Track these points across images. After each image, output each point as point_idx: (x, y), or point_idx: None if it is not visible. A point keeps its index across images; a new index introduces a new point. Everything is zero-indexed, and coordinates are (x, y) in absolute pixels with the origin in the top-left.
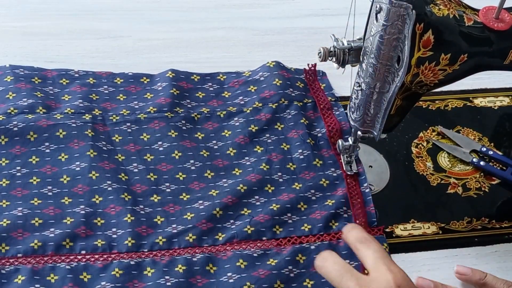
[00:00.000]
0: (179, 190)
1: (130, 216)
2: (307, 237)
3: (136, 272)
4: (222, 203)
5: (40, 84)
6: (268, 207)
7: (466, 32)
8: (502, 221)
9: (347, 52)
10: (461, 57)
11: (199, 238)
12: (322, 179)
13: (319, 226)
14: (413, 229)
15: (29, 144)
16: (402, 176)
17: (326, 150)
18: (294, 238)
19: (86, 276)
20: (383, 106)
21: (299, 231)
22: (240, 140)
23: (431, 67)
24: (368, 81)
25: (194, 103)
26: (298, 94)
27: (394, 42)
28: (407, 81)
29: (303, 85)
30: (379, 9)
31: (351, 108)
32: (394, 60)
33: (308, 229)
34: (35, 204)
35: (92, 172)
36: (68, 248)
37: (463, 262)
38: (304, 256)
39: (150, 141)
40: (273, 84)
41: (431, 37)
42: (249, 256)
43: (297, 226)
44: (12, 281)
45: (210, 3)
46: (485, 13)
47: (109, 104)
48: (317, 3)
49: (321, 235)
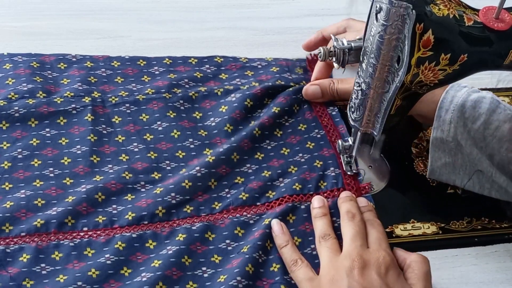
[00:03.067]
0: (179, 167)
1: (131, 195)
2: (298, 196)
3: (138, 244)
4: (217, 173)
5: (39, 68)
6: (260, 174)
7: (466, 32)
8: (502, 221)
9: (347, 52)
10: (461, 57)
11: (196, 209)
12: (308, 142)
13: (309, 186)
14: (413, 229)
15: (30, 129)
16: (402, 176)
17: (309, 113)
18: (286, 197)
19: (90, 251)
20: (383, 106)
21: (290, 190)
22: (236, 115)
23: (431, 67)
24: (368, 81)
25: (192, 83)
26: (296, 77)
27: (394, 42)
28: (407, 81)
29: (302, 71)
30: (379, 9)
31: (351, 108)
32: (394, 60)
33: (299, 189)
34: (37, 185)
35: (93, 156)
36: (71, 226)
37: (463, 262)
38: (293, 216)
39: (149, 121)
40: (271, 71)
41: (431, 37)
42: (245, 223)
43: (288, 186)
44: (17, 259)
45: (210, 3)
46: (485, 13)
47: (107, 87)
48: (317, 3)
49: (311, 195)
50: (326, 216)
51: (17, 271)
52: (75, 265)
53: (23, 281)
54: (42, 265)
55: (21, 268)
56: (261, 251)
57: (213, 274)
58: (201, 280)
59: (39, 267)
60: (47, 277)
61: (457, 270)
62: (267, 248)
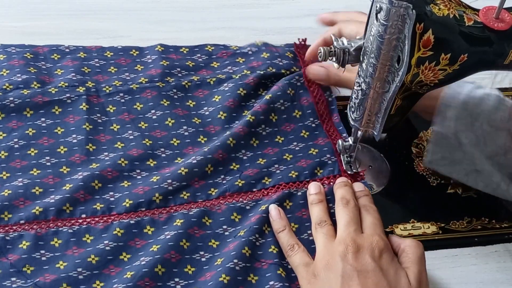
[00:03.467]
0: (174, 155)
1: (127, 182)
2: (295, 183)
3: (136, 230)
4: (213, 159)
5: (33, 59)
6: (255, 162)
7: (466, 32)
8: (502, 221)
9: (347, 52)
10: (461, 57)
11: (193, 195)
12: (302, 131)
13: (305, 173)
14: (413, 229)
15: (25, 119)
16: (402, 176)
17: (305, 98)
18: (282, 185)
19: (89, 237)
20: (383, 106)
21: (287, 178)
22: (230, 103)
23: (431, 67)
24: (368, 81)
25: (184, 72)
26: (287, 63)
27: (394, 42)
28: (407, 81)
29: (292, 56)
30: (379, 9)
31: (351, 108)
32: (394, 60)
33: (295, 176)
34: (35, 174)
35: (89, 144)
36: (69, 213)
37: (463, 262)
38: (290, 202)
39: (143, 110)
40: (261, 57)
41: (431, 37)
42: (242, 209)
43: (285, 174)
44: (17, 246)
45: (210, 3)
46: (485, 13)
47: (101, 77)
48: (317, 3)
49: (307, 181)
50: (322, 202)
51: (17, 258)
52: (75, 251)
53: (23, 267)
54: (42, 252)
55: (21, 255)
56: (258, 234)
57: (210, 258)
58: (199, 264)
59: (38, 253)
60: (47, 263)
61: (457, 270)
62: (264, 232)
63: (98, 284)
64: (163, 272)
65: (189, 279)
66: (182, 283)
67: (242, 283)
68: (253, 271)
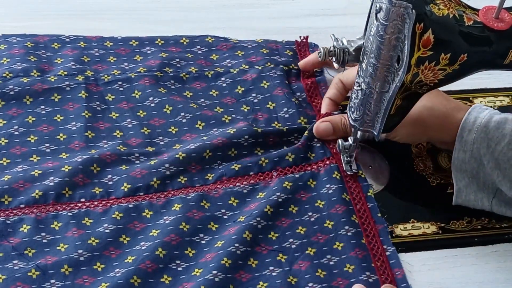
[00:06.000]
0: (172, 142)
1: (125, 166)
2: (291, 167)
3: (135, 214)
4: (212, 144)
5: (33, 48)
6: (253, 151)
7: (466, 32)
8: (502, 221)
9: (347, 52)
10: (461, 57)
11: (190, 180)
12: (300, 117)
13: (301, 156)
14: (413, 229)
15: (25, 106)
16: (402, 176)
17: (309, 110)
18: (279, 170)
19: (88, 220)
20: (383, 106)
21: (283, 162)
22: (227, 100)
23: (431, 67)
24: (368, 81)
25: (183, 62)
26: (286, 60)
27: (394, 41)
28: (407, 81)
29: (292, 53)
30: (379, 8)
31: (351, 108)
32: (394, 60)
33: (292, 159)
34: (34, 161)
35: (88, 132)
36: (68, 197)
37: (463, 262)
38: (290, 183)
39: (141, 98)
40: (260, 52)
41: (431, 36)
42: (239, 193)
43: (281, 156)
44: (18, 230)
45: (210, 3)
46: (485, 13)
47: (100, 66)
48: (317, 3)
49: (303, 166)
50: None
51: (18, 241)
52: (74, 232)
53: (25, 250)
54: (43, 234)
55: (22, 238)
56: (259, 217)
57: (210, 241)
58: (199, 246)
59: (39, 236)
60: (48, 246)
61: (457, 270)
62: (266, 213)
63: (98, 265)
64: (164, 254)
65: (190, 261)
66: (183, 265)
67: (243, 267)
68: (253, 255)
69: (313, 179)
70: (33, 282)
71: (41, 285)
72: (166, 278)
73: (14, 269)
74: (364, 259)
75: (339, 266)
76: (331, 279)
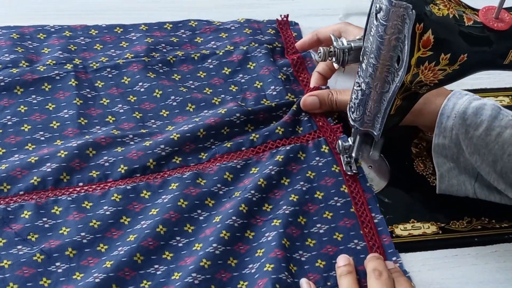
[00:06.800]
0: (165, 125)
1: (121, 148)
2: (281, 140)
3: (133, 195)
4: (205, 124)
5: (19, 39)
6: (244, 128)
7: (466, 32)
8: (502, 221)
9: (347, 52)
10: (461, 57)
11: (185, 159)
12: (288, 94)
13: (290, 130)
14: (413, 229)
15: (16, 97)
16: (402, 176)
17: (296, 86)
18: (270, 143)
19: (88, 204)
20: (383, 106)
21: (273, 135)
22: (215, 81)
23: (431, 67)
24: (368, 81)
25: (169, 47)
26: (269, 38)
27: (394, 42)
28: (407, 81)
29: (275, 32)
30: (379, 9)
31: (351, 108)
32: (394, 60)
33: (282, 132)
34: (30, 149)
35: (80, 118)
36: (66, 182)
37: (463, 262)
38: (281, 156)
39: (131, 84)
40: (244, 32)
41: (430, 37)
42: (233, 168)
43: (271, 131)
44: (19, 216)
45: (210, 3)
46: (485, 13)
47: (87, 54)
48: (317, 3)
49: (292, 138)
50: (351, 274)
51: (20, 227)
52: (75, 216)
53: (28, 235)
54: (44, 219)
55: (24, 224)
56: (254, 190)
57: (208, 217)
58: (197, 222)
59: (41, 221)
60: (50, 230)
61: (457, 270)
62: (260, 186)
63: (102, 247)
64: (164, 231)
65: (189, 237)
66: (184, 241)
67: (241, 239)
68: (249, 227)
69: (302, 151)
70: (39, 266)
71: (47, 268)
72: (168, 255)
73: (19, 254)
74: (352, 227)
75: (329, 234)
76: (320, 247)
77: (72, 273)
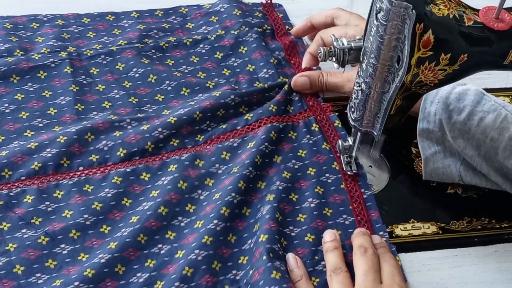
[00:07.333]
0: (161, 109)
1: (118, 132)
2: (275, 116)
3: (133, 177)
4: (201, 107)
5: (12, 29)
6: (238, 109)
7: (466, 32)
8: (502, 221)
9: (347, 52)
10: (461, 57)
11: (182, 142)
12: (280, 77)
13: (282, 108)
14: (413, 229)
15: (13, 85)
16: (402, 176)
17: (288, 69)
18: (264, 119)
19: (89, 187)
20: (383, 106)
21: (267, 112)
22: (208, 65)
23: (431, 67)
24: (368, 81)
25: (161, 33)
26: (258, 21)
27: (394, 42)
28: (407, 81)
29: (262, 15)
30: (379, 9)
31: (351, 108)
32: (394, 60)
33: (275, 110)
34: (29, 135)
35: (77, 105)
36: (66, 166)
37: (463, 262)
38: (275, 133)
39: (125, 70)
40: (233, 14)
41: (431, 37)
42: (230, 147)
43: (265, 107)
44: (22, 201)
45: None
46: (485, 13)
47: (81, 42)
48: (317, 3)
49: (284, 117)
50: (337, 249)
51: (24, 211)
52: (78, 199)
53: (31, 219)
54: (47, 203)
55: (27, 208)
56: (251, 167)
57: (208, 195)
58: (198, 202)
59: (44, 205)
60: (53, 213)
61: (457, 270)
62: (256, 163)
63: (105, 228)
64: (166, 212)
65: (191, 216)
66: (186, 220)
67: (238, 216)
68: (246, 204)
69: (293, 131)
70: (44, 248)
71: (52, 250)
72: (170, 234)
73: (24, 238)
74: (342, 203)
75: (319, 209)
76: (310, 221)
77: (77, 254)
